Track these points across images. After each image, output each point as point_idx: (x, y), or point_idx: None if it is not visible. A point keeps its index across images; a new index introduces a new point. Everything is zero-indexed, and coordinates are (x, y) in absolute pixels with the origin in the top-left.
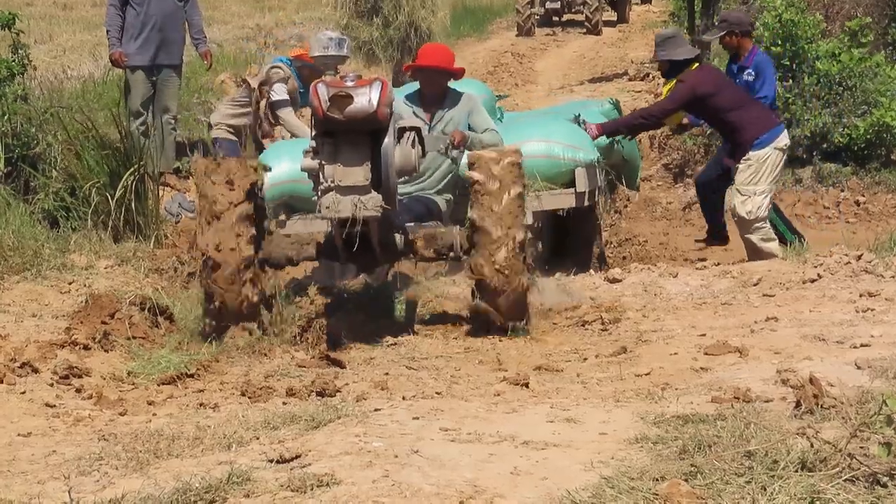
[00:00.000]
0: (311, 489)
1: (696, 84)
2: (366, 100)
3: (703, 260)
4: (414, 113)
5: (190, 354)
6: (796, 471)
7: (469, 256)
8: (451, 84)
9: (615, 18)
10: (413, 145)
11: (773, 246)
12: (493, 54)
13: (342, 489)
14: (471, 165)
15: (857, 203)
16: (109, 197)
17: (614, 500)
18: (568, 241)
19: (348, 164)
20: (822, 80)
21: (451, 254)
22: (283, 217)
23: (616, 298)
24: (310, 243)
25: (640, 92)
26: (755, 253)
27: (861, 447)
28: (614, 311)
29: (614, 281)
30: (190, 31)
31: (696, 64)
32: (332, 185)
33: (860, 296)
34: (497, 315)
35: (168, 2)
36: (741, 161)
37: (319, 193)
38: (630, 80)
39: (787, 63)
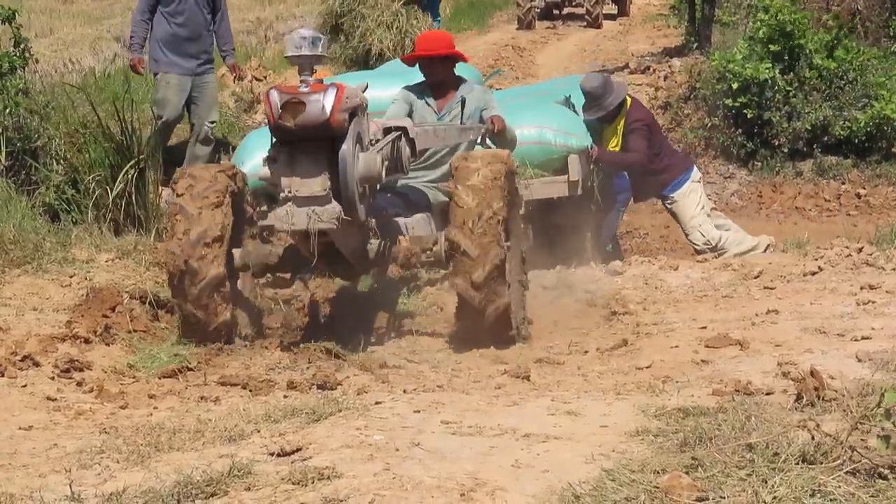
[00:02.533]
0: (312, 482)
1: (647, 119)
2: (318, 107)
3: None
4: (426, 103)
5: (191, 347)
6: (797, 463)
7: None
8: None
9: (615, 12)
10: (395, 149)
11: (747, 242)
12: (493, 48)
13: (343, 482)
14: (451, 172)
15: (858, 195)
16: (110, 190)
17: (615, 492)
18: (561, 231)
19: (305, 174)
20: (822, 73)
21: (432, 260)
22: (264, 207)
23: (617, 291)
24: (287, 252)
25: (640, 85)
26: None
27: (862, 440)
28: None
29: (615, 274)
30: (218, 43)
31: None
32: (289, 195)
33: (861, 288)
34: (478, 334)
35: (199, 15)
36: (665, 200)
37: (278, 204)
38: (631, 73)
39: (788, 57)
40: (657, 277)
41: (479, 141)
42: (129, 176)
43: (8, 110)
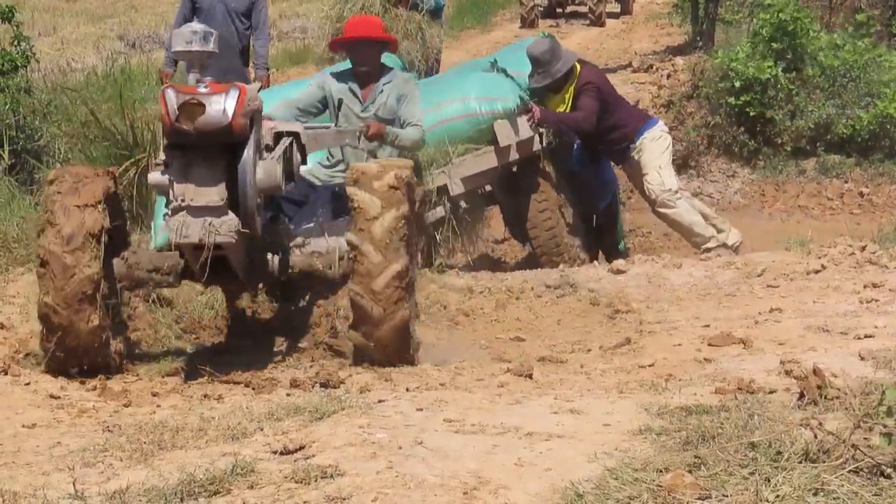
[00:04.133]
0: (315, 480)
1: (598, 82)
2: (220, 109)
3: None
4: (350, 90)
5: (194, 345)
6: (800, 462)
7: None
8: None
9: (619, 10)
10: (289, 154)
11: (699, 225)
12: (496, 46)
13: (346, 480)
14: (349, 179)
15: (861, 194)
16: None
17: (618, 491)
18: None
19: (201, 183)
20: (825, 71)
21: (331, 271)
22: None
23: (620, 290)
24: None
25: (643, 83)
26: (680, 228)
27: (865, 438)
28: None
29: (618, 272)
30: (253, 56)
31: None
32: (183, 204)
33: (864, 287)
34: (373, 349)
35: (228, 30)
36: (631, 151)
37: (169, 213)
38: (634, 71)
39: (791, 56)
40: (660, 276)
41: (353, 146)
42: (131, 175)
43: (10, 109)
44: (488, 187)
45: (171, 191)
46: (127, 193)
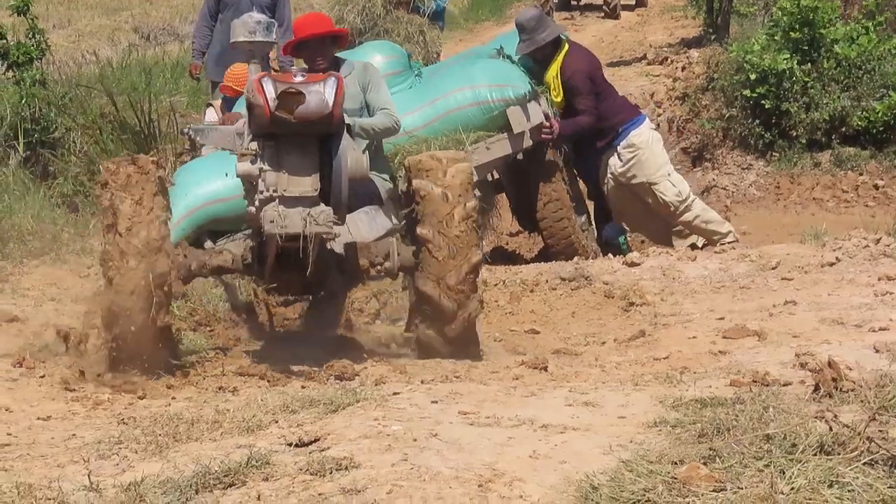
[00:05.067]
0: (330, 473)
1: (586, 68)
2: (320, 98)
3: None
4: None
5: (209, 338)
6: (815, 454)
7: (411, 275)
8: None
9: (633, 2)
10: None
11: (716, 216)
12: None
13: (361, 473)
14: (413, 171)
15: (876, 186)
16: None
17: (633, 483)
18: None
19: (295, 172)
20: (841, 63)
21: (387, 267)
22: (208, 244)
23: (634, 282)
24: (222, 253)
25: (658, 76)
26: (702, 231)
27: (880, 430)
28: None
29: (633, 265)
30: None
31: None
32: (276, 194)
33: (879, 279)
34: (443, 345)
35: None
36: (627, 154)
37: (258, 204)
38: (648, 64)
39: (807, 47)
40: (675, 268)
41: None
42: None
43: (25, 101)
44: (495, 175)
45: (261, 181)
46: None
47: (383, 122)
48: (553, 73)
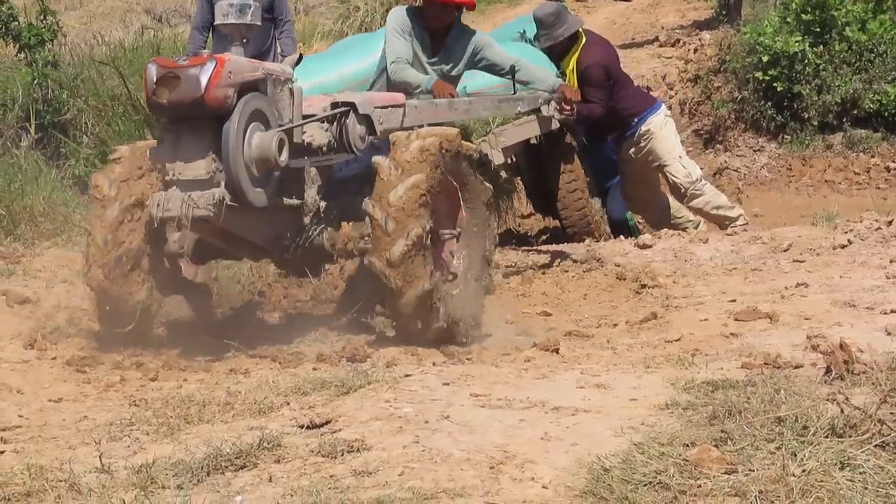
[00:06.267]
0: (342, 455)
1: (605, 60)
2: (193, 82)
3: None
4: (420, 42)
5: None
6: (826, 436)
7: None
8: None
9: None
10: (342, 125)
11: (725, 201)
12: None
13: (372, 455)
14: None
15: (888, 169)
16: None
17: (644, 465)
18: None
19: (189, 157)
20: (852, 46)
21: (360, 247)
22: None
23: (646, 264)
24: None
25: (670, 58)
26: (712, 216)
27: (891, 413)
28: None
29: (644, 247)
30: (282, 52)
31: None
32: (173, 179)
33: (891, 261)
34: (404, 322)
35: (259, 34)
36: (642, 139)
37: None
38: (661, 46)
39: (818, 30)
40: (686, 250)
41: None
42: None
43: (37, 83)
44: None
45: (164, 165)
46: None
47: (544, 74)
48: (570, 66)
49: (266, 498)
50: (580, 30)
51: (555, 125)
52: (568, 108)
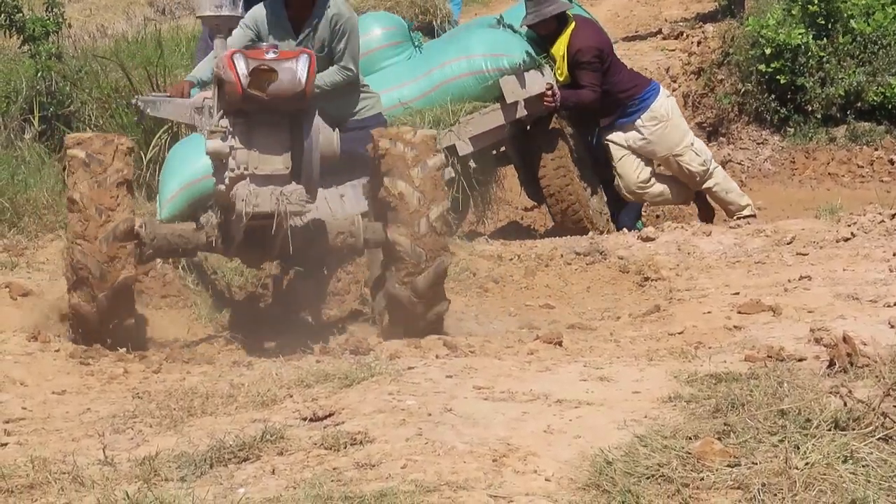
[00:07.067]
0: (345, 447)
1: (596, 44)
2: (293, 76)
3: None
4: (279, 22)
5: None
6: (829, 430)
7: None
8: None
9: None
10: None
11: (735, 186)
12: None
13: (375, 447)
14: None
15: (892, 161)
16: (144, 156)
17: (647, 458)
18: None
19: (266, 150)
20: (856, 38)
21: (350, 243)
22: (203, 217)
23: (649, 257)
24: (196, 231)
25: (673, 51)
26: (723, 198)
27: (895, 406)
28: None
29: (648, 240)
30: None
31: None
32: (246, 172)
33: (894, 254)
34: (413, 300)
35: None
36: (650, 127)
37: (227, 182)
38: (664, 38)
39: (822, 22)
40: (690, 243)
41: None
42: (162, 141)
43: (40, 75)
44: (503, 148)
45: (232, 159)
46: (159, 160)
47: (332, 78)
48: (560, 51)
49: (269, 490)
50: (570, 15)
51: (521, 113)
52: (549, 97)
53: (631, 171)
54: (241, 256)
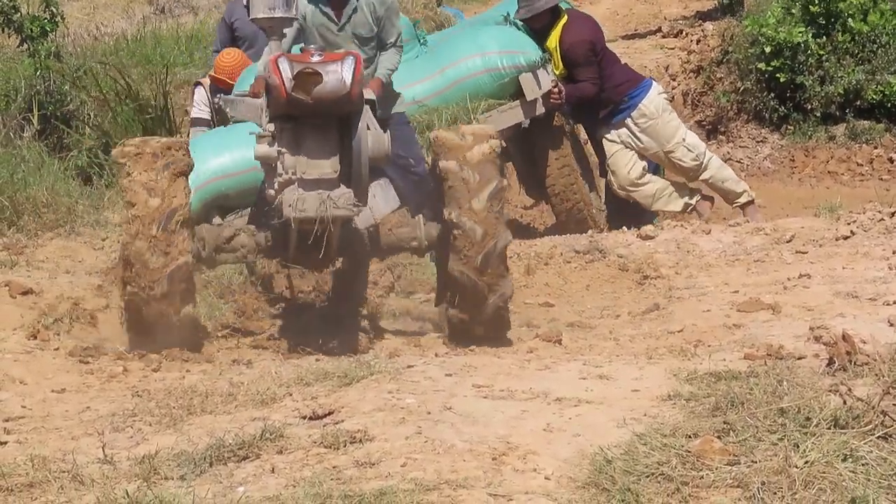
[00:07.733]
0: (344, 446)
1: (589, 37)
2: (338, 79)
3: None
4: (321, 11)
5: (223, 309)
6: (829, 428)
7: (437, 250)
8: None
9: None
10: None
11: (731, 180)
12: None
13: (375, 446)
14: (436, 147)
15: (891, 160)
16: None
17: (647, 456)
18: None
19: (314, 155)
20: (855, 37)
21: (414, 245)
22: (217, 220)
23: (649, 255)
24: (248, 237)
25: (673, 49)
26: (719, 188)
27: (894, 404)
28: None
29: (647, 238)
30: None
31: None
32: (294, 177)
33: (893, 252)
34: (475, 328)
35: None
36: (641, 123)
37: (276, 187)
38: (663, 36)
39: (822, 20)
40: (689, 241)
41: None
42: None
43: (39, 74)
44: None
45: (280, 164)
46: None
47: (388, 62)
48: (553, 43)
49: (268, 489)
50: (562, 8)
51: (539, 111)
52: (556, 93)
53: (623, 166)
54: (298, 261)
